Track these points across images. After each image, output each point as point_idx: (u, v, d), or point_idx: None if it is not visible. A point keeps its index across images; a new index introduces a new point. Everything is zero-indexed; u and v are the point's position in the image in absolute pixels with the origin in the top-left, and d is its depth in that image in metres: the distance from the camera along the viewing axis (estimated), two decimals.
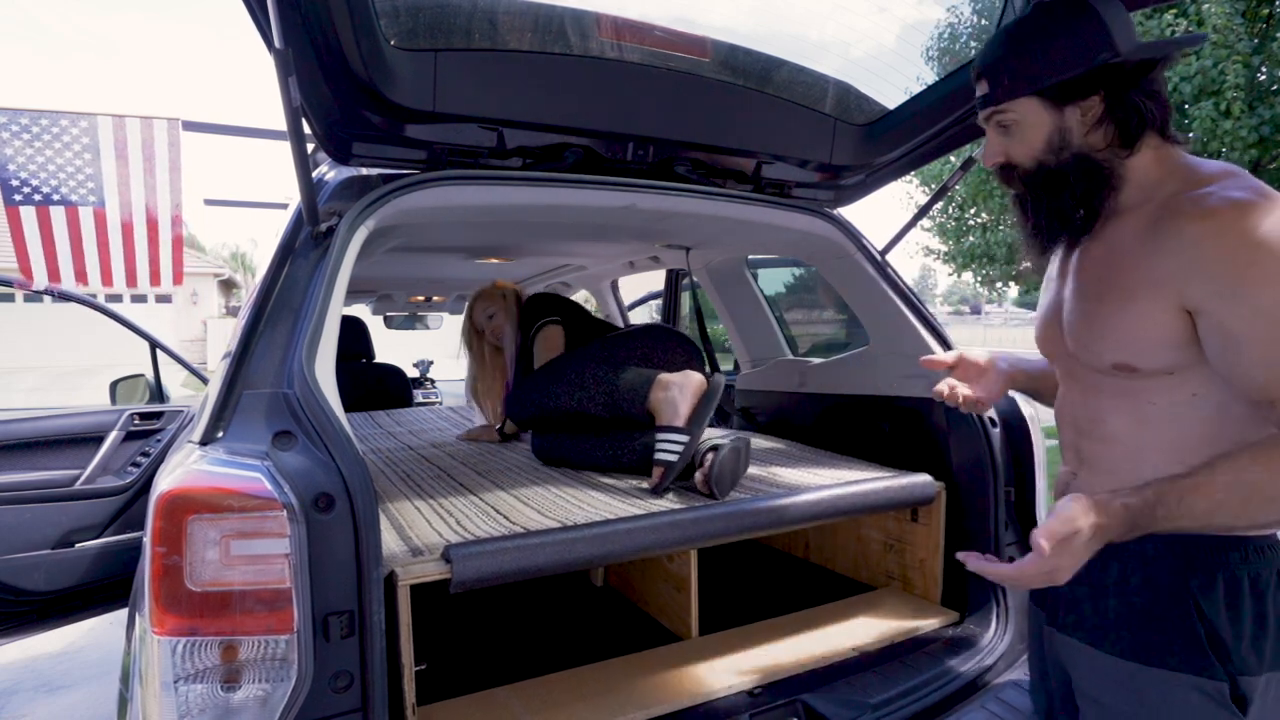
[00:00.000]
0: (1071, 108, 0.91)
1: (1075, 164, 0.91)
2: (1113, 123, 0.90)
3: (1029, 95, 0.92)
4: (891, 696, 1.30)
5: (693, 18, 1.46)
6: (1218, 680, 0.83)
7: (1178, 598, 0.86)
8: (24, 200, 2.42)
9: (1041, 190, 0.95)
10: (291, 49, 0.96)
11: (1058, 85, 0.90)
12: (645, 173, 1.59)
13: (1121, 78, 0.88)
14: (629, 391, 1.69)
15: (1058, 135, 0.92)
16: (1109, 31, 0.88)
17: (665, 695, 1.29)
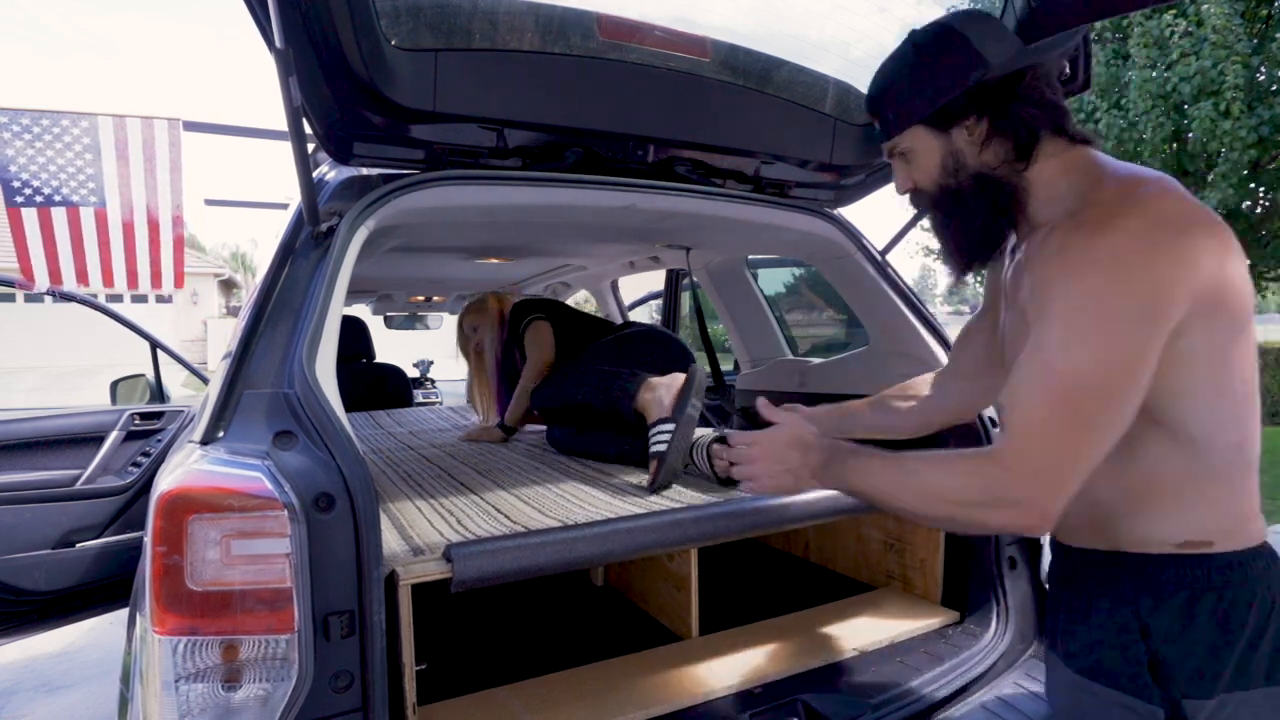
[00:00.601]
0: (957, 130, 0.91)
1: (974, 183, 0.91)
2: (1003, 138, 0.89)
3: (914, 125, 0.94)
4: (891, 696, 1.30)
5: (693, 18, 1.46)
6: (1152, 705, 0.81)
7: (1128, 617, 0.84)
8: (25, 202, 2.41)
9: (947, 211, 0.96)
10: (292, 49, 0.97)
11: (936, 112, 0.91)
12: (645, 173, 1.59)
13: (1000, 93, 0.88)
14: (619, 392, 1.79)
15: (950, 158, 0.93)
16: (977, 51, 0.88)
17: (665, 695, 1.29)
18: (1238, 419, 0.79)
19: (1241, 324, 0.78)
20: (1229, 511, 0.81)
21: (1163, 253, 0.74)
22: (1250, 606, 0.80)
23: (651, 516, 1.31)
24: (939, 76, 0.90)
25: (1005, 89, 0.88)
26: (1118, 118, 7.29)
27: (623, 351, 2.14)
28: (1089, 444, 0.76)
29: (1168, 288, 0.74)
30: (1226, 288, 0.77)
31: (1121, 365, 0.74)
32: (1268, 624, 0.80)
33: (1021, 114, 0.87)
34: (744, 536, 1.42)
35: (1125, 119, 7.24)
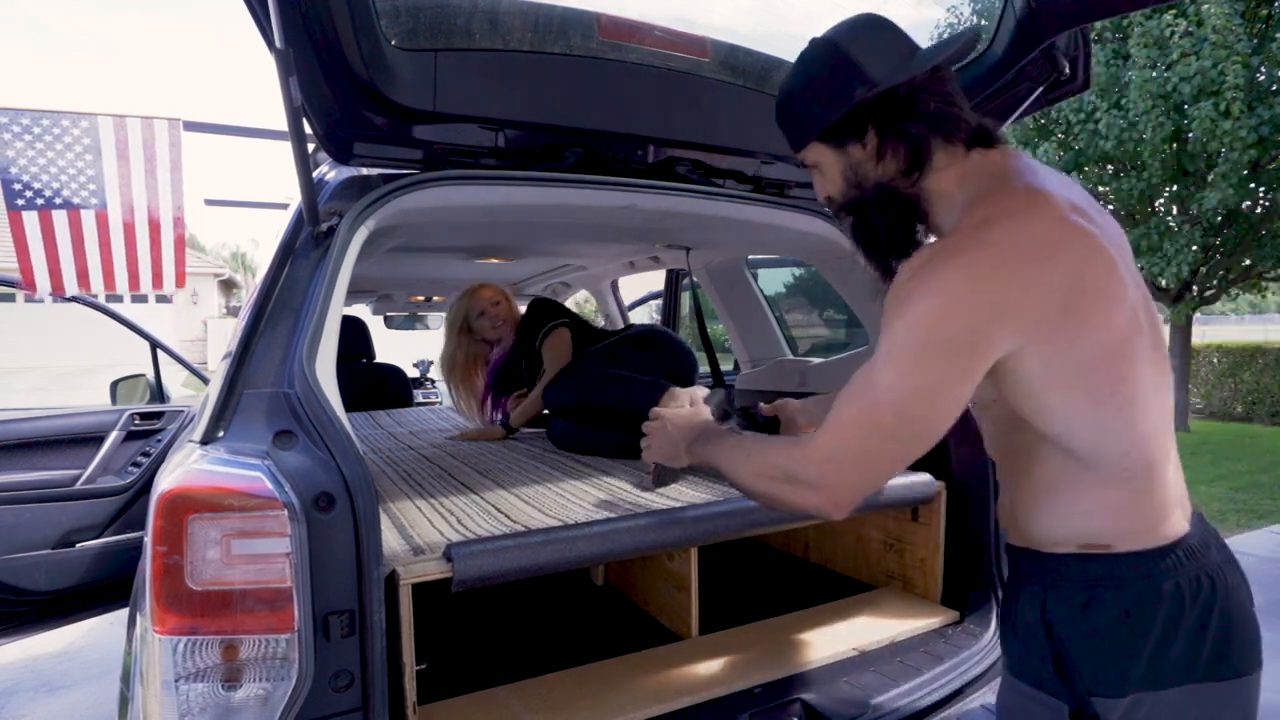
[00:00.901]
0: (852, 144, 0.93)
1: (875, 195, 0.94)
2: (895, 150, 0.90)
3: (813, 141, 0.96)
4: (891, 696, 1.30)
5: (693, 18, 1.47)
6: (1059, 700, 0.83)
7: (1036, 614, 0.86)
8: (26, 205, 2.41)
9: (855, 221, 0.98)
10: (292, 49, 0.97)
11: (826, 130, 0.93)
12: (645, 173, 1.60)
13: (885, 108, 0.89)
14: (644, 400, 1.80)
15: (851, 171, 0.95)
16: (860, 68, 0.89)
17: (665, 695, 1.29)
18: (1121, 429, 0.80)
19: (1119, 337, 0.79)
20: (1128, 515, 0.82)
21: (991, 288, 0.77)
22: (1154, 605, 0.79)
23: (651, 516, 1.31)
24: (825, 94, 0.92)
25: (890, 103, 0.89)
26: (1118, 118, 7.29)
27: (626, 353, 2.21)
28: (881, 455, 0.83)
29: (984, 326, 0.77)
30: (1086, 305, 0.77)
31: (923, 393, 0.79)
32: (1179, 622, 0.79)
33: (908, 128, 0.88)
34: (743, 536, 1.42)
35: (1125, 119, 7.23)
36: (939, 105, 0.88)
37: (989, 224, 0.80)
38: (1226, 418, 10.31)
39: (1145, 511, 0.82)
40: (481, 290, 2.61)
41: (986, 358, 0.78)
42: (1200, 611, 0.79)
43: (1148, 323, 0.83)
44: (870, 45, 0.90)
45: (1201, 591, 0.80)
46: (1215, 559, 0.83)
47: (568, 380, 2.16)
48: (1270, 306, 44.09)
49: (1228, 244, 8.07)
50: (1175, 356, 9.08)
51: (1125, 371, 0.80)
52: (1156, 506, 0.82)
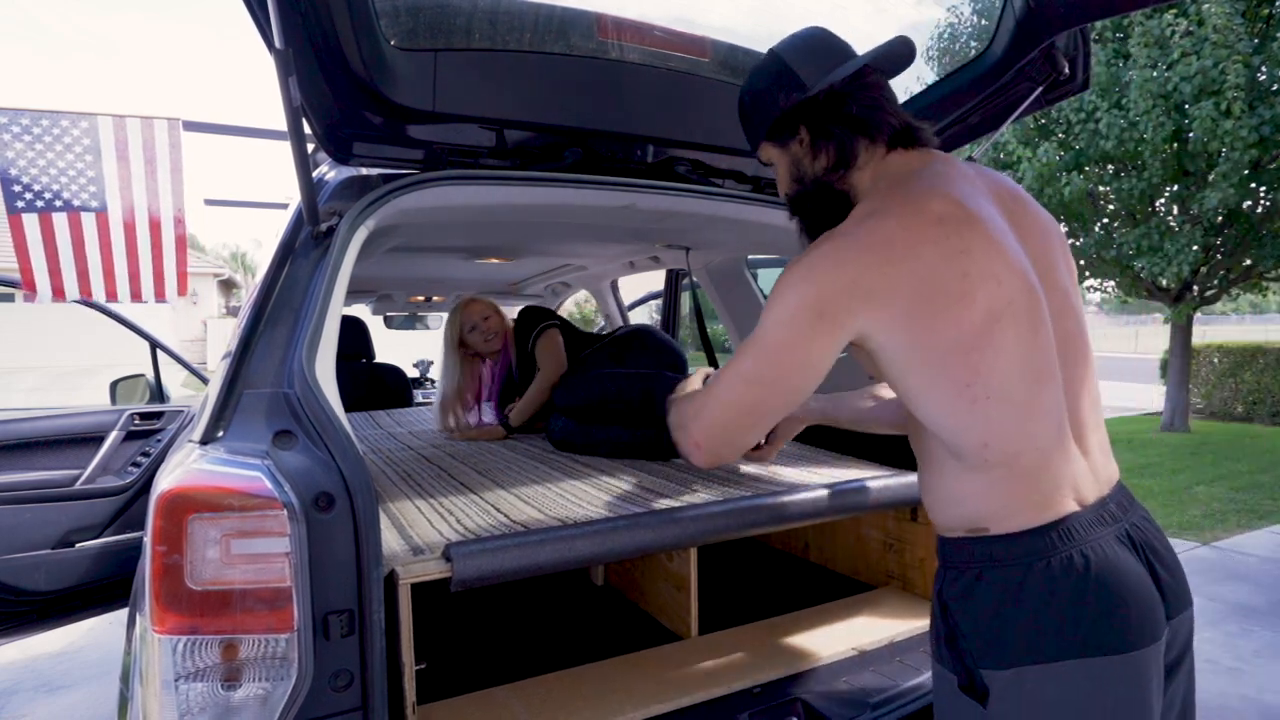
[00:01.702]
0: (792, 143, 1.04)
1: (814, 188, 1.04)
2: (826, 148, 1.01)
3: (763, 141, 1.08)
4: (891, 696, 1.30)
5: (692, 18, 1.47)
6: (950, 672, 0.89)
7: (936, 598, 0.94)
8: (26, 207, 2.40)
9: (801, 214, 1.09)
10: (292, 49, 0.96)
11: (769, 129, 1.05)
12: (645, 172, 1.59)
13: (818, 109, 1.00)
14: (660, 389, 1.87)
15: (794, 167, 1.06)
16: (794, 74, 1.00)
17: (665, 694, 1.29)
18: (978, 421, 0.86)
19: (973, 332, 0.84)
20: (999, 500, 0.88)
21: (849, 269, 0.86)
22: (1026, 583, 0.84)
23: (651, 516, 1.31)
24: (767, 99, 1.03)
25: (819, 106, 0.99)
26: (1118, 118, 7.29)
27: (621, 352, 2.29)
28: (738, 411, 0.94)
29: (841, 297, 0.85)
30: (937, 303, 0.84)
31: (787, 347, 0.88)
32: (1051, 598, 0.83)
33: (832, 129, 0.99)
34: (743, 535, 1.42)
35: (1126, 119, 7.23)
36: (861, 109, 0.98)
37: (863, 218, 0.91)
38: (1227, 418, 10.31)
39: (1018, 496, 0.87)
40: (471, 305, 2.62)
41: (844, 325, 0.87)
42: (1074, 588, 0.83)
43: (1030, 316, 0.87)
44: (807, 56, 1.01)
45: (1073, 569, 0.84)
46: (1103, 537, 0.86)
47: (578, 380, 2.17)
48: (1271, 306, 44.04)
49: (1228, 244, 8.07)
50: (1176, 356, 9.08)
51: (982, 366, 0.85)
52: (1031, 491, 0.87)
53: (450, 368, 2.61)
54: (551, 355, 2.42)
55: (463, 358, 2.63)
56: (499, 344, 2.60)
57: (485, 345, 2.59)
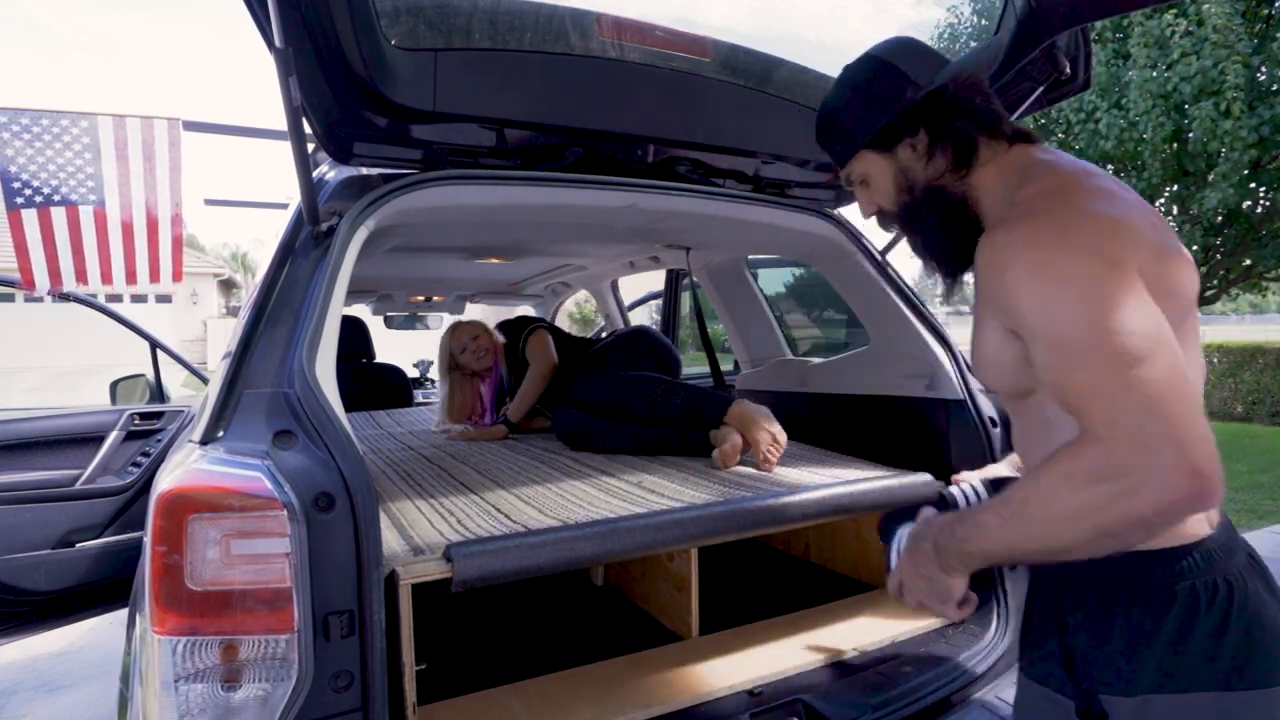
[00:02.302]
0: (901, 148, 0.97)
1: (926, 196, 0.97)
2: (943, 149, 0.94)
3: (861, 150, 1.00)
4: (891, 696, 1.30)
5: (693, 18, 1.47)
6: (1065, 696, 0.82)
7: (1051, 612, 0.86)
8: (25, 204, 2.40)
9: (912, 226, 1.01)
10: (292, 48, 0.96)
11: (878, 134, 0.97)
12: (645, 172, 1.59)
13: (933, 108, 0.94)
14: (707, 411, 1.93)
15: (902, 175, 0.98)
16: (904, 74, 0.95)
17: (665, 695, 1.29)
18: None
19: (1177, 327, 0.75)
20: None
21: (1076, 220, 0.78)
22: (1167, 607, 0.77)
23: (651, 516, 1.31)
24: (874, 102, 0.97)
25: (936, 104, 0.94)
26: (1118, 118, 7.29)
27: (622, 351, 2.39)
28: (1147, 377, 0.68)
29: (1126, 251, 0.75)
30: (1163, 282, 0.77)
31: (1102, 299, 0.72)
32: (1192, 626, 0.76)
33: (955, 124, 0.93)
34: (744, 536, 1.42)
35: (1125, 119, 7.23)
36: (982, 104, 0.93)
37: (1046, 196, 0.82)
38: (1227, 418, 10.31)
39: None
40: (459, 329, 2.76)
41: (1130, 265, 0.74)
42: (1217, 616, 0.76)
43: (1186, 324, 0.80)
44: (911, 56, 0.97)
45: (1218, 596, 0.77)
46: (1238, 565, 0.80)
47: (604, 377, 2.19)
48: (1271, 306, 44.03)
49: (1228, 244, 8.07)
50: None
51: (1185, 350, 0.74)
52: None
53: (449, 390, 2.77)
54: (542, 352, 2.52)
55: (459, 380, 2.79)
56: (490, 360, 2.73)
57: (478, 364, 2.73)
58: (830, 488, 1.50)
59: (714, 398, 1.95)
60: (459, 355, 2.72)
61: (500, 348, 2.74)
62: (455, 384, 2.77)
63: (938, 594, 0.89)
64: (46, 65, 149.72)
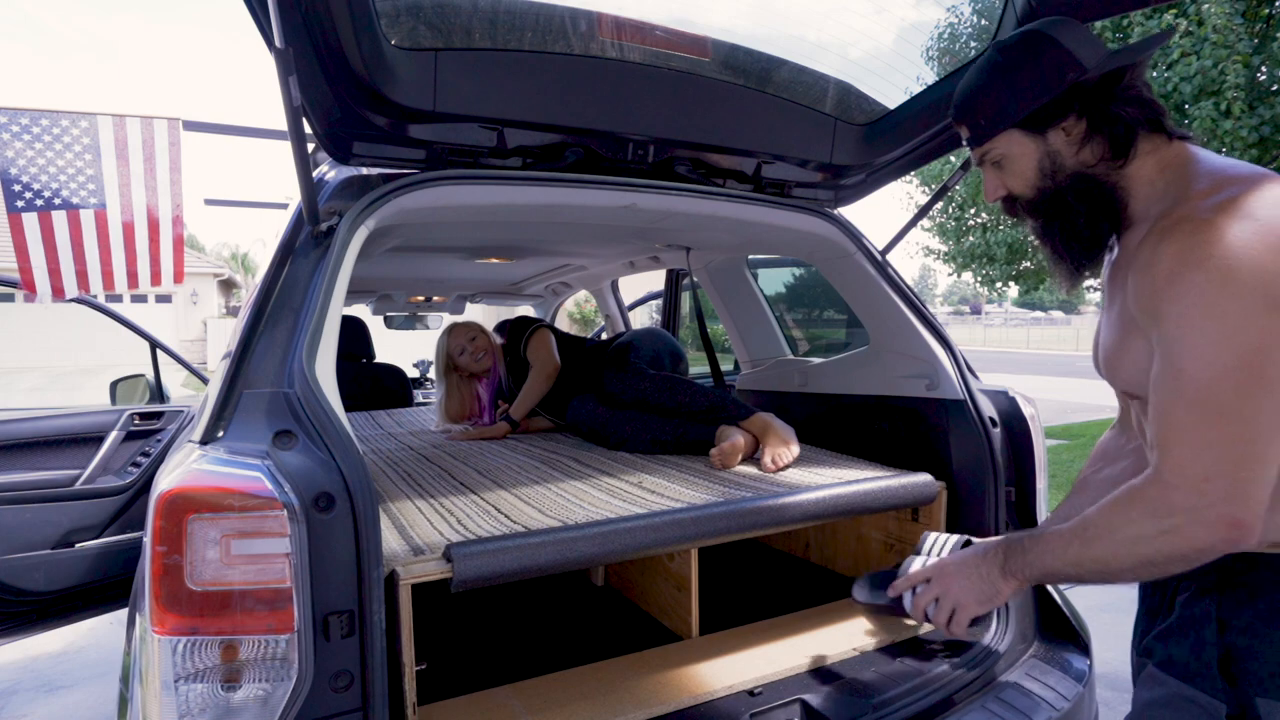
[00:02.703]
0: (1053, 131, 0.91)
1: (1072, 184, 0.92)
2: (1100, 137, 0.90)
3: (1009, 129, 0.94)
4: (891, 696, 1.29)
5: (693, 18, 1.46)
6: (1215, 699, 0.81)
7: (1206, 610, 0.84)
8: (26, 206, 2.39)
9: (1048, 216, 0.95)
10: (292, 48, 0.96)
11: (1033, 114, 0.91)
12: (645, 172, 1.59)
13: (1096, 92, 0.89)
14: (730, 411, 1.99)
15: (1047, 160, 0.93)
16: (1070, 53, 0.89)
17: (665, 695, 1.29)
18: None
19: None
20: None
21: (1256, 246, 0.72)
22: None
23: (651, 516, 1.31)
24: (1034, 80, 0.90)
25: (1103, 88, 0.88)
26: None
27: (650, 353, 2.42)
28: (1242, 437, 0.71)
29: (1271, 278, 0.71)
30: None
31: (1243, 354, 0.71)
32: None
33: (1120, 112, 0.88)
34: (744, 536, 1.42)
35: None
36: (1148, 94, 0.89)
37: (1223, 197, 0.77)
38: None
39: None
40: (456, 330, 2.75)
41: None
42: None
43: None
44: (1075, 34, 0.91)
45: None
46: None
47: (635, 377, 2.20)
48: None
49: None
50: None
51: None
52: None
53: (446, 391, 2.76)
54: (546, 352, 2.52)
55: (457, 381, 2.77)
56: (489, 362, 2.72)
57: (476, 365, 2.72)
58: (830, 488, 1.50)
59: (735, 403, 1.99)
60: (457, 356, 2.71)
61: (499, 349, 2.73)
62: (453, 385, 2.76)
63: (985, 595, 0.95)
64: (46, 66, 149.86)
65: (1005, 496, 1.57)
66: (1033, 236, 1.01)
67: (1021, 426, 1.60)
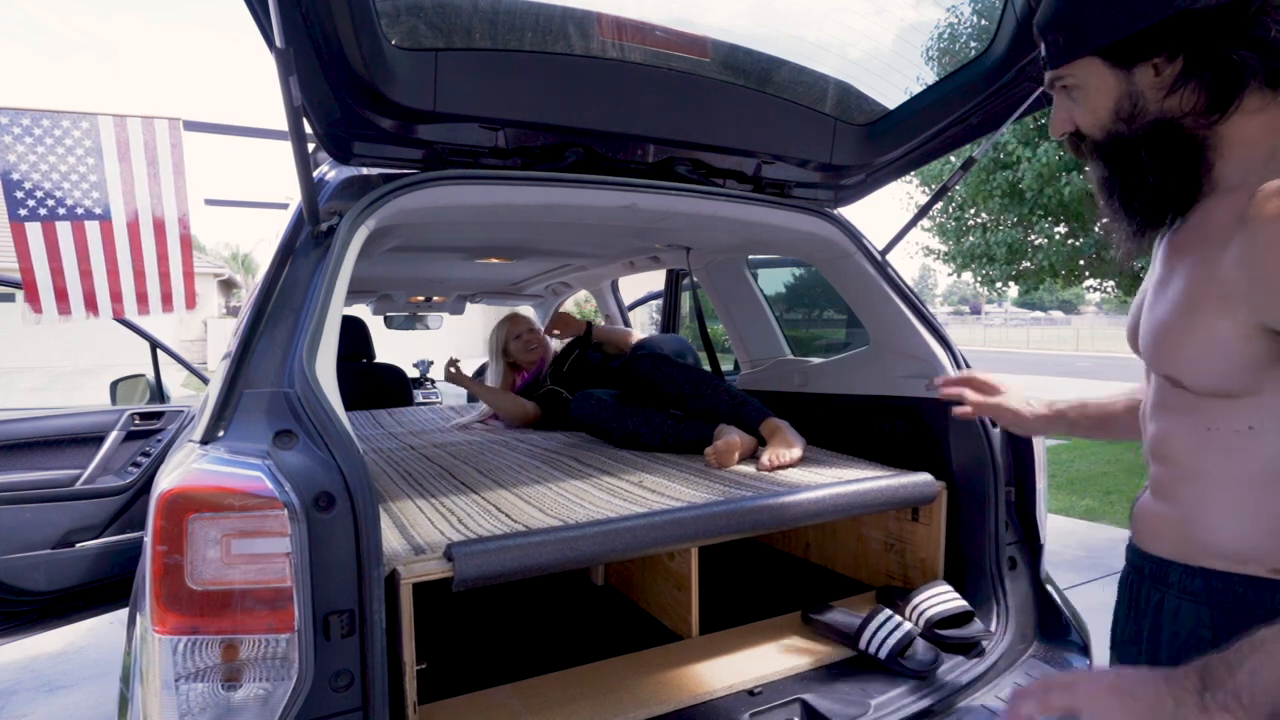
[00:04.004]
0: (1142, 68, 0.76)
1: (1151, 133, 0.77)
2: (1198, 82, 0.73)
3: (1088, 55, 0.78)
4: (891, 696, 1.30)
5: (693, 18, 1.47)
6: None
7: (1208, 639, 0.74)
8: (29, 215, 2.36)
9: (1114, 166, 0.81)
10: (292, 48, 0.97)
11: (1120, 43, 0.76)
12: (645, 172, 1.60)
13: (1207, 26, 0.71)
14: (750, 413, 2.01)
15: (1128, 100, 0.78)
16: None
17: (665, 694, 1.29)
18: None
19: None
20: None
21: None
22: None
23: (652, 516, 1.31)
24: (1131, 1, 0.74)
25: (1217, 23, 0.71)
26: None
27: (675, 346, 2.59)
28: None
29: None
30: None
31: None
32: None
33: (1234, 55, 0.71)
34: (744, 536, 1.42)
35: None
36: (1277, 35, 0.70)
37: None
38: None
39: None
40: (517, 318, 2.91)
41: None
42: None
43: None
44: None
45: None
46: None
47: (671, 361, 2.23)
48: None
49: None
50: None
51: None
52: None
53: (494, 373, 2.94)
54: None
55: (505, 365, 2.93)
56: (537, 356, 2.87)
57: (526, 355, 2.87)
58: (830, 487, 1.50)
59: (756, 406, 2.02)
60: (511, 340, 2.88)
61: (545, 345, 2.89)
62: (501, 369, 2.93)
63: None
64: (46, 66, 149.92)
65: (1005, 496, 1.57)
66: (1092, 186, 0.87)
67: None
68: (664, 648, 1.48)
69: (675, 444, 2.02)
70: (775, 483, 1.59)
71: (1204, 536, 0.78)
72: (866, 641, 1.41)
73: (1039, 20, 0.85)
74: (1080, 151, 0.86)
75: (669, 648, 1.48)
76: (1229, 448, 0.75)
